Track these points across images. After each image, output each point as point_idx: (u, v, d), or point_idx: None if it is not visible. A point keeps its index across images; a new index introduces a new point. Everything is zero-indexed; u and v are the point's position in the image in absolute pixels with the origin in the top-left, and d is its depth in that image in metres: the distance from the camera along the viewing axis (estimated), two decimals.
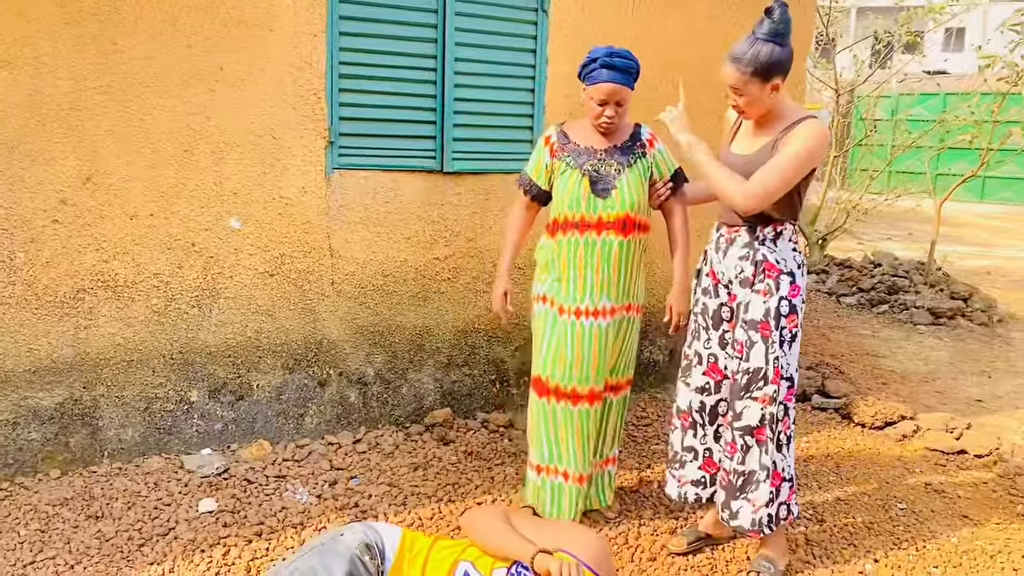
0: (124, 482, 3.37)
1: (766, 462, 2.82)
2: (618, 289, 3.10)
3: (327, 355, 3.92)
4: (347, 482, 3.50)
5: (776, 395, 2.79)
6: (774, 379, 2.78)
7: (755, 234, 2.83)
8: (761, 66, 2.61)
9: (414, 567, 2.28)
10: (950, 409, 4.78)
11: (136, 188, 3.40)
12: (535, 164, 3.15)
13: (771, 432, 2.81)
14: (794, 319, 2.81)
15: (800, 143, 2.65)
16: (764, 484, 2.83)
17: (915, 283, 7.54)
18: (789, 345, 2.81)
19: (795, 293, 2.81)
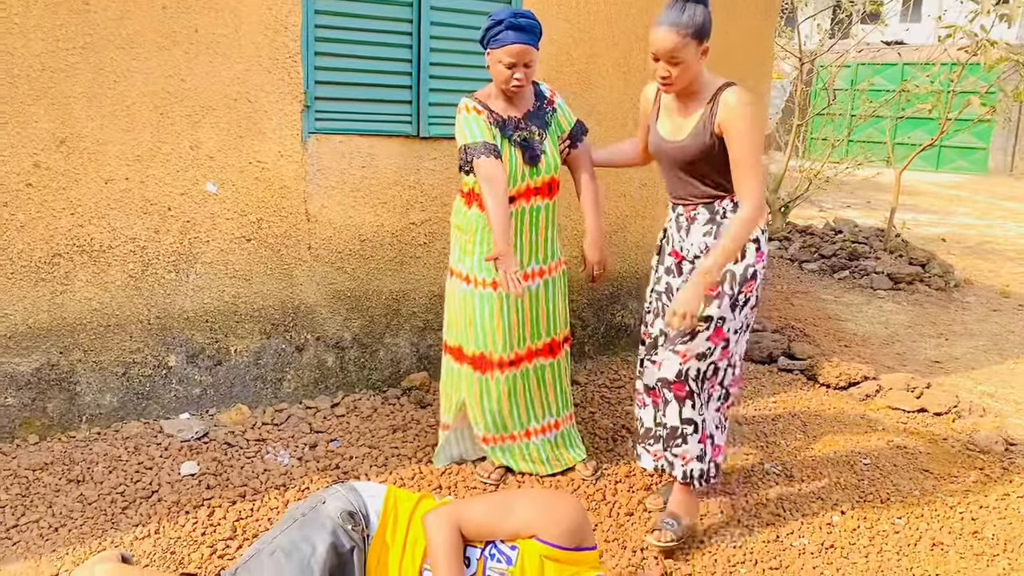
0: (104, 447, 3.37)
1: (689, 416, 2.84)
2: (546, 250, 3.24)
3: (304, 320, 3.93)
4: (327, 445, 3.54)
5: (703, 352, 2.77)
6: (712, 338, 2.77)
7: (715, 209, 2.85)
8: (697, 27, 2.59)
9: (398, 532, 2.29)
10: (910, 370, 4.94)
11: (111, 151, 3.36)
12: (481, 128, 3.00)
13: (695, 387, 2.81)
14: (752, 285, 2.81)
15: (744, 123, 2.64)
16: (692, 439, 2.86)
17: (875, 249, 7.72)
18: (740, 309, 2.81)
19: (760, 259, 2.82)
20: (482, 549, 2.24)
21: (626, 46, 4.57)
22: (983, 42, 7.08)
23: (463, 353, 3.25)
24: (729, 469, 3.50)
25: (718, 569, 2.81)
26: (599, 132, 4.42)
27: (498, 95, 3.09)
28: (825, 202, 11.12)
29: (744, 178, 2.66)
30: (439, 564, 2.17)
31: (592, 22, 4.44)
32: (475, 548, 2.25)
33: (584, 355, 4.77)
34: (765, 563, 2.86)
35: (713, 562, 2.85)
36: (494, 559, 2.22)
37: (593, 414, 4.03)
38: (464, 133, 3.03)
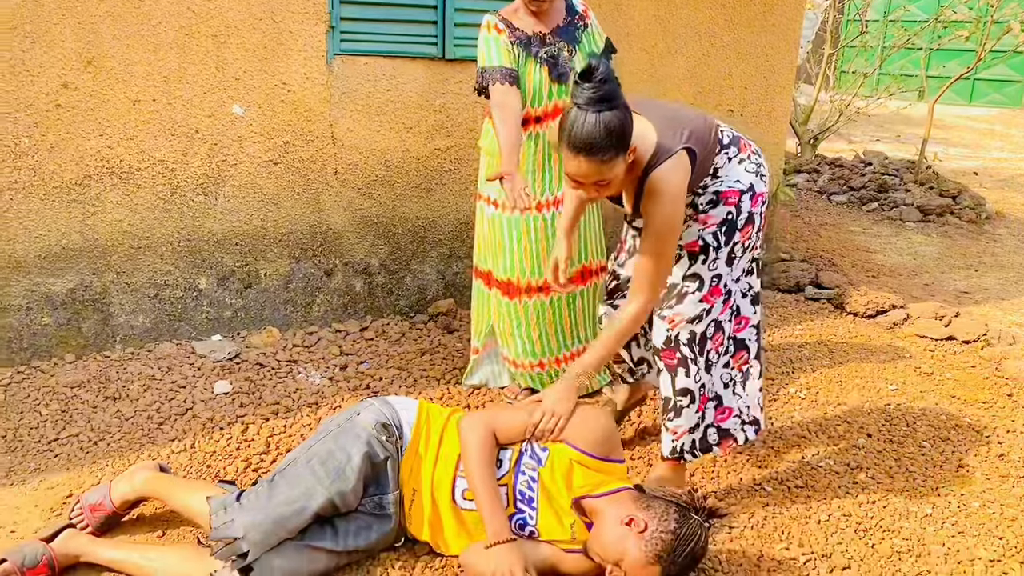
0: (138, 366, 3.44)
1: (684, 386, 2.59)
2: None
3: (332, 245, 3.94)
4: (357, 366, 3.59)
5: (696, 315, 2.54)
6: (706, 298, 2.53)
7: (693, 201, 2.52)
8: (618, 140, 2.10)
9: (431, 443, 2.34)
10: (939, 300, 4.90)
11: (138, 72, 3.35)
12: (499, 51, 2.91)
13: (689, 353, 2.56)
14: (749, 230, 2.54)
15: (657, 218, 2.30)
16: (687, 411, 2.62)
17: (905, 182, 7.59)
18: (738, 260, 2.56)
19: (756, 203, 2.53)
20: (511, 452, 2.31)
21: None
22: None
23: (492, 278, 3.26)
24: None
25: (743, 487, 2.84)
26: (629, 56, 4.34)
27: (525, 10, 3.01)
28: (855, 135, 10.91)
29: (646, 267, 2.35)
30: (471, 462, 2.22)
31: None
32: (508, 451, 2.30)
33: None
34: (791, 482, 2.88)
35: (739, 480, 2.88)
36: (525, 459, 2.28)
37: None
38: (482, 54, 2.95)
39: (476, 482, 2.21)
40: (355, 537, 2.24)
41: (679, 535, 2.08)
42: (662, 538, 2.08)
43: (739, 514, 2.67)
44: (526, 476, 2.26)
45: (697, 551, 2.11)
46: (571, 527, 2.24)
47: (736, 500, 2.76)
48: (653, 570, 2.09)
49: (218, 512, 2.15)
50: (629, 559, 2.10)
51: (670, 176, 2.27)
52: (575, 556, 2.25)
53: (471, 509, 2.26)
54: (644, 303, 2.38)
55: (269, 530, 2.10)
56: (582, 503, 2.23)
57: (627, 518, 2.12)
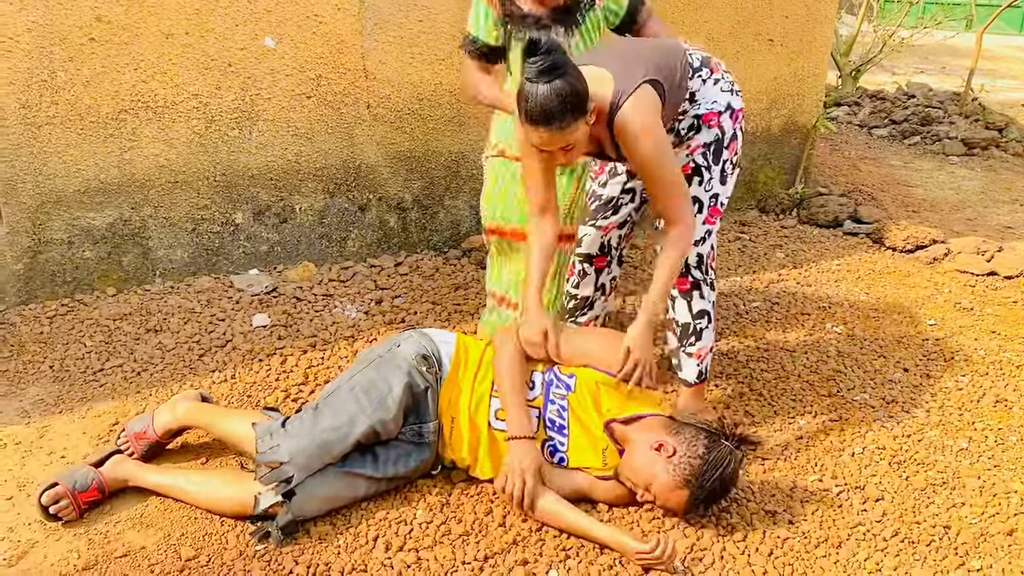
0: (178, 300, 3.49)
1: (702, 308, 2.68)
2: None
3: (366, 180, 3.94)
4: (392, 300, 3.61)
5: (701, 237, 2.59)
6: (708, 219, 2.58)
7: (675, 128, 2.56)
8: (572, 104, 2.10)
9: (468, 372, 2.37)
10: (981, 235, 4.80)
11: (170, 5, 3.33)
12: (486, 24, 2.76)
13: (700, 275, 2.65)
14: (735, 146, 2.59)
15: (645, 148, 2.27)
16: (707, 331, 2.70)
17: (949, 114, 7.39)
18: (730, 177, 2.62)
19: (736, 120, 2.57)
20: (543, 375, 2.35)
21: None
22: None
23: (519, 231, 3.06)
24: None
25: (778, 420, 2.85)
26: None
27: None
28: (898, 67, 10.59)
29: (664, 200, 2.34)
30: (499, 369, 2.29)
31: None
32: (539, 373, 2.34)
33: None
34: (825, 415, 2.88)
35: (773, 412, 2.88)
36: (555, 386, 2.31)
37: None
38: (470, 19, 2.80)
39: (503, 383, 2.28)
40: (395, 464, 2.29)
41: (708, 460, 2.11)
42: (691, 463, 2.11)
43: (772, 445, 2.68)
44: (556, 405, 2.30)
45: (726, 476, 2.14)
46: (603, 452, 2.27)
47: (769, 432, 2.76)
48: (682, 494, 2.12)
49: (264, 437, 2.20)
50: (658, 483, 2.13)
51: (633, 115, 2.26)
52: (607, 483, 2.28)
53: (504, 430, 2.30)
54: (684, 228, 2.37)
55: (313, 455, 2.16)
56: (613, 428, 2.26)
57: (656, 443, 2.15)
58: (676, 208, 2.35)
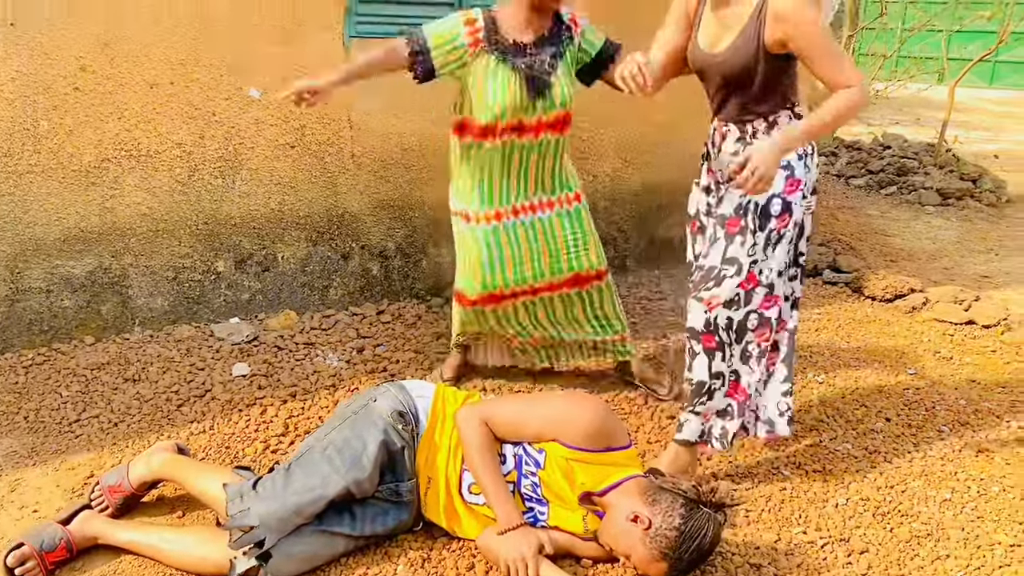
0: (157, 348, 3.46)
1: (720, 370, 2.57)
2: (554, 183, 3.05)
3: (349, 228, 3.95)
4: (374, 349, 3.60)
5: (741, 300, 2.52)
6: (743, 284, 2.51)
7: (744, 129, 2.54)
8: None
9: (446, 428, 2.34)
10: (958, 285, 4.85)
11: (155, 55, 3.35)
12: (442, 39, 2.80)
13: (727, 338, 2.54)
14: (787, 219, 2.50)
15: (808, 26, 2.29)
16: (718, 393, 2.60)
17: (924, 165, 7.51)
18: (773, 248, 2.52)
19: (792, 189, 2.49)
20: (514, 449, 2.28)
21: None
22: None
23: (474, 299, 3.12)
24: None
25: (760, 470, 2.83)
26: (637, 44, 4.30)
27: (517, 14, 2.82)
28: (873, 118, 10.79)
29: (836, 73, 2.31)
30: (471, 458, 2.23)
31: None
32: (510, 446, 2.29)
33: (626, 269, 4.76)
34: (808, 465, 2.88)
35: (756, 463, 2.87)
36: (524, 462, 2.26)
37: (634, 323, 4.03)
38: (435, 28, 2.82)
39: (479, 475, 2.21)
40: (372, 523, 2.24)
41: (684, 532, 2.05)
42: (667, 535, 2.05)
43: (756, 497, 2.66)
44: (528, 480, 2.25)
45: (704, 546, 2.08)
46: (584, 519, 2.24)
47: (753, 483, 2.75)
48: (660, 566, 2.08)
49: (234, 500, 2.16)
50: (636, 555, 2.09)
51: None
52: (590, 543, 2.25)
53: (479, 504, 2.26)
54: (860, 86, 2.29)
55: (285, 518, 2.11)
56: (591, 497, 2.22)
57: (632, 515, 2.10)
58: (848, 72, 2.30)
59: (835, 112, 2.31)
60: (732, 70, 2.45)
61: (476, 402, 2.38)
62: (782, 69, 2.43)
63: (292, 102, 2.76)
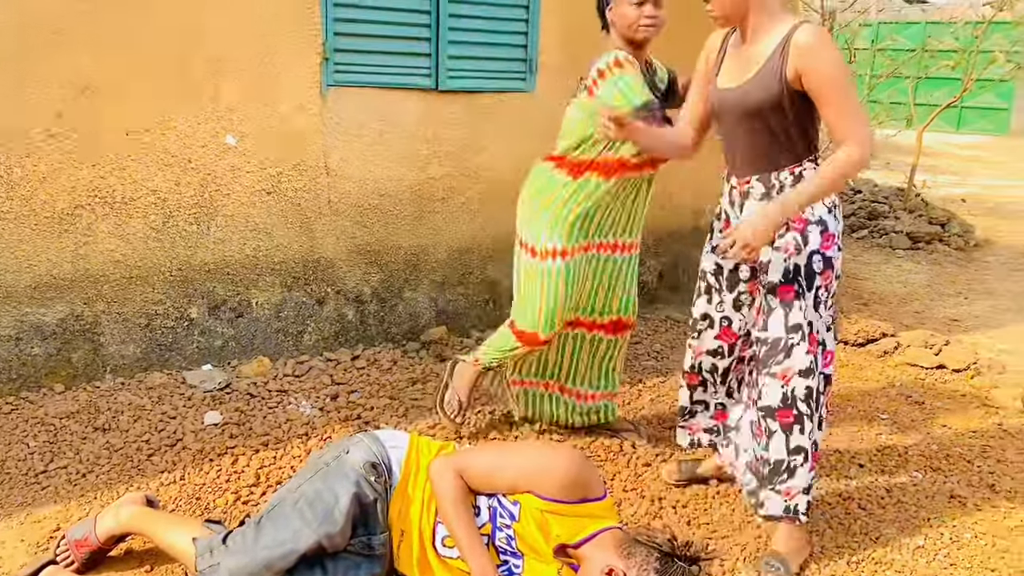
0: (128, 396, 3.42)
1: (799, 444, 2.45)
2: (632, 225, 3.06)
3: (325, 273, 3.95)
4: (348, 396, 3.57)
5: (813, 365, 2.41)
6: (811, 348, 2.39)
7: (770, 183, 2.42)
8: None
9: (419, 480, 2.31)
10: (928, 328, 4.92)
11: (131, 102, 3.36)
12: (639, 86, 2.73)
13: (806, 409, 2.43)
14: (829, 275, 2.41)
15: (827, 63, 2.23)
16: (801, 469, 2.46)
17: (894, 209, 7.66)
18: (826, 305, 2.43)
19: (828, 244, 2.38)
20: (488, 501, 2.26)
21: None
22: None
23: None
24: None
25: (735, 518, 2.83)
26: None
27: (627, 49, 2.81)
28: None
29: (842, 118, 2.24)
30: (444, 511, 2.20)
31: None
32: (484, 498, 2.27)
33: None
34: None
35: (731, 511, 2.87)
36: (499, 515, 2.24)
37: None
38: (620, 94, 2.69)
39: (453, 528, 2.18)
40: None
41: None
42: None
43: (731, 546, 2.66)
44: (503, 533, 2.23)
45: None
46: (559, 573, 2.22)
47: (729, 531, 2.75)
48: None
49: (204, 554, 2.12)
50: None
51: (815, 29, 2.26)
52: None
53: (453, 557, 2.24)
54: (855, 147, 2.23)
55: (256, 573, 2.08)
56: (566, 549, 2.20)
57: (607, 568, 2.08)
58: (855, 126, 2.24)
59: (834, 175, 2.25)
60: (752, 103, 2.35)
61: (450, 453, 2.36)
62: (807, 111, 2.34)
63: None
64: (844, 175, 2.27)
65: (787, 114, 2.34)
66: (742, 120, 2.41)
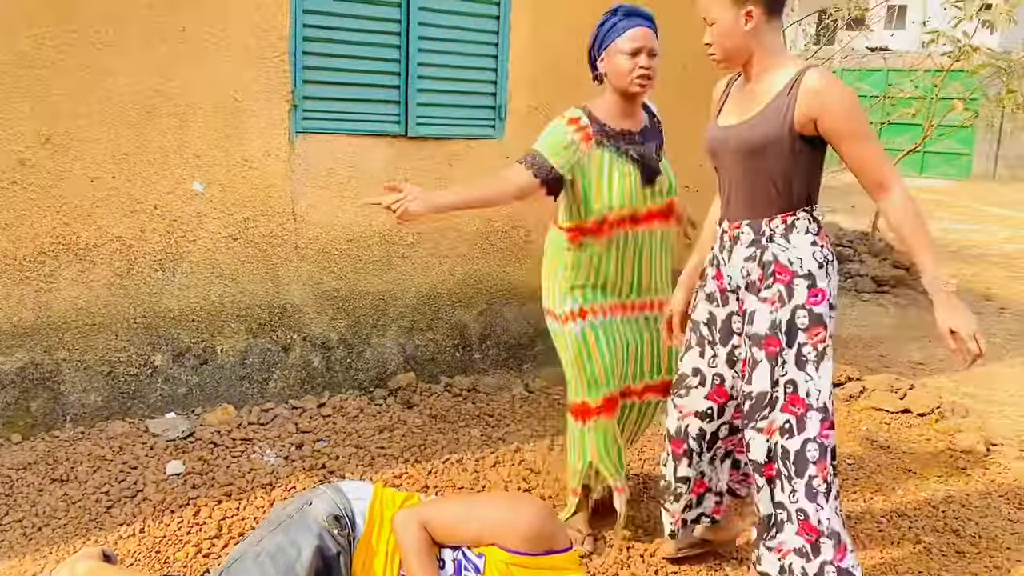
0: (88, 446, 3.35)
1: (784, 501, 2.32)
2: (659, 282, 2.91)
3: (291, 320, 3.92)
4: (313, 444, 3.53)
5: (793, 427, 2.29)
6: (786, 407, 2.29)
7: (760, 230, 2.34)
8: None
9: (383, 535, 2.28)
10: (894, 371, 4.97)
11: (97, 150, 3.35)
12: (557, 147, 2.66)
13: (783, 469, 2.31)
14: (819, 332, 2.26)
15: (844, 103, 2.17)
16: (789, 527, 2.33)
17: (859, 253, 7.78)
18: (816, 365, 2.27)
19: (817, 300, 2.26)
20: (453, 553, 2.24)
21: None
22: (966, 48, 7.16)
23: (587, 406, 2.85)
24: None
25: (703, 567, 2.82)
26: None
27: (613, 105, 2.74)
28: None
29: (874, 159, 2.18)
30: (409, 563, 2.17)
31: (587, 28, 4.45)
32: (449, 550, 2.24)
33: None
34: (748, 559, 2.87)
35: (696, 555, 2.86)
36: (464, 568, 2.22)
37: None
38: (545, 142, 2.68)
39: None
40: None
41: None
42: None
43: None
44: None
45: None
46: None
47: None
48: None
49: None
50: None
51: (825, 73, 2.21)
52: None
53: None
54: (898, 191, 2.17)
55: None
56: None
57: None
58: (881, 169, 2.18)
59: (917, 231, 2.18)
60: (756, 139, 2.27)
61: (415, 504, 2.34)
62: (810, 158, 2.28)
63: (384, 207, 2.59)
64: (916, 219, 2.18)
65: (788, 157, 2.26)
66: (741, 160, 2.33)
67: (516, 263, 4.51)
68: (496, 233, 4.41)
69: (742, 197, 2.37)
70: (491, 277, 4.45)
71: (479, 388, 4.26)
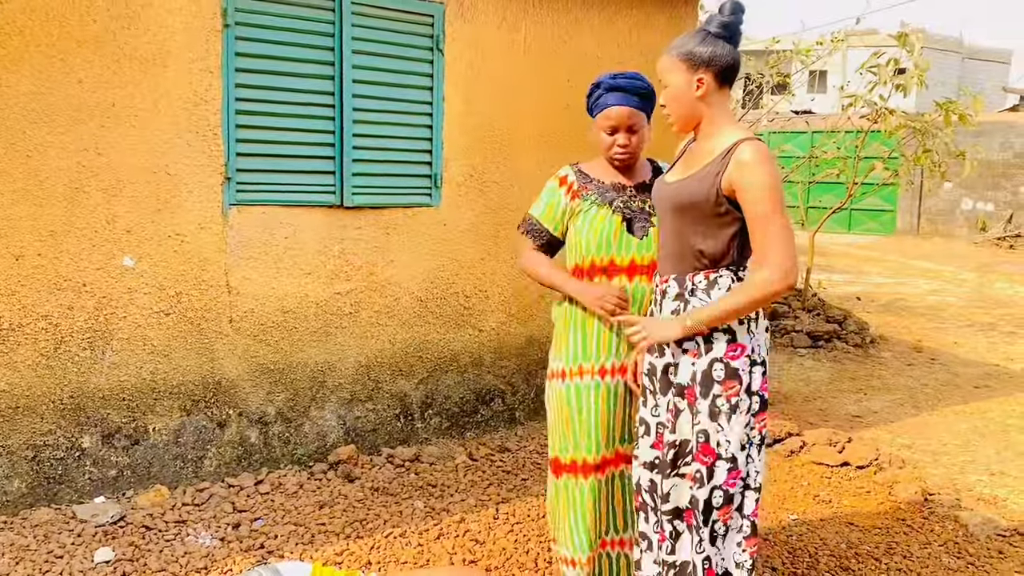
0: (10, 536, 3.19)
1: (701, 550, 2.36)
2: None
3: (226, 395, 3.83)
4: (251, 524, 3.42)
5: (704, 476, 2.33)
6: (698, 456, 2.34)
7: (684, 284, 2.40)
8: (687, 52, 2.33)
9: None
10: (832, 425, 5.06)
11: (23, 227, 3.27)
12: (547, 208, 2.78)
13: (701, 519, 2.35)
14: (733, 385, 2.32)
15: (762, 180, 2.24)
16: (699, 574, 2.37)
17: (793, 309, 7.95)
18: (728, 418, 2.32)
19: (736, 354, 2.33)
20: None
21: (547, 118, 4.68)
22: (882, 110, 7.49)
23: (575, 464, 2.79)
24: None
25: None
26: (520, 198, 4.49)
27: (607, 163, 2.78)
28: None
29: (767, 241, 2.24)
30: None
31: (516, 94, 4.55)
32: None
33: (515, 421, 4.75)
34: None
35: None
36: None
37: (525, 481, 4.00)
38: (539, 205, 2.82)
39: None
40: None
41: None
42: None
43: None
44: None
45: None
46: None
47: None
48: None
49: None
50: None
51: (762, 147, 2.29)
52: None
53: None
54: (781, 268, 2.22)
55: None
56: None
57: None
58: (779, 248, 2.23)
59: (748, 299, 2.25)
60: (683, 197, 2.37)
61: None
62: (736, 220, 2.33)
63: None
64: (756, 300, 2.25)
65: (711, 218, 2.34)
66: (672, 215, 2.43)
67: (456, 329, 4.50)
68: (434, 300, 4.41)
69: (671, 251, 2.46)
70: (431, 344, 4.43)
71: (421, 458, 4.19)
